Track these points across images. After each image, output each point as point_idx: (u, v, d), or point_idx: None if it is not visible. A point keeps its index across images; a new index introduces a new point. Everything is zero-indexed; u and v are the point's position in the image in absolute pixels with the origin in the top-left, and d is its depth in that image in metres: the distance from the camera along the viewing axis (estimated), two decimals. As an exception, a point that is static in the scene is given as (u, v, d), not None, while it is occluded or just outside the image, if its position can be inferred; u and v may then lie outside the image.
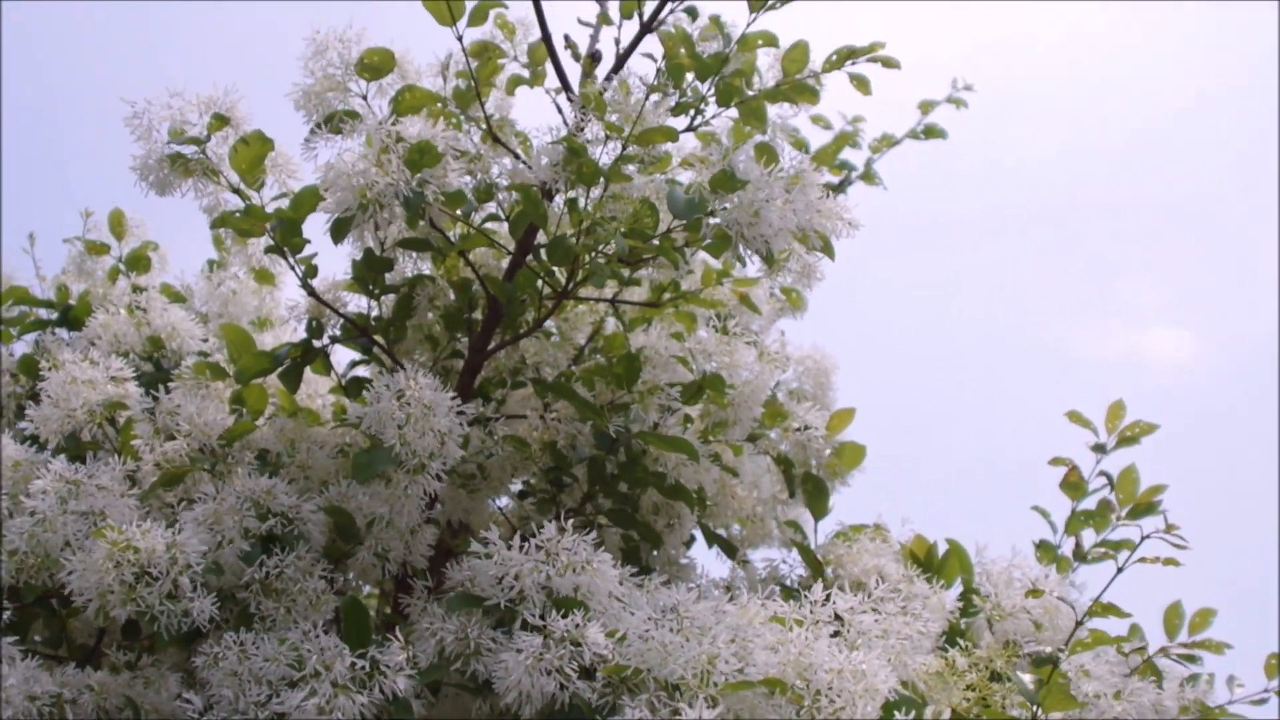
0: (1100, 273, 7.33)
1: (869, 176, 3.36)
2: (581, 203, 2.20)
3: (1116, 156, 7.35)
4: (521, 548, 1.93)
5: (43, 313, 2.99)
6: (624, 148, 2.13)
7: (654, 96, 2.22)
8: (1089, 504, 2.65)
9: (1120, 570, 2.18)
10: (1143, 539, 2.12)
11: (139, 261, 2.98)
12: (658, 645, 1.75)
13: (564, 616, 1.83)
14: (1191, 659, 2.47)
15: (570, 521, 1.96)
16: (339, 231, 2.16)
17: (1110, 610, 2.13)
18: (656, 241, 2.22)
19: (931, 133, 3.36)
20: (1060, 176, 7.03)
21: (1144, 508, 2.62)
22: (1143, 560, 2.15)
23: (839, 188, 3.29)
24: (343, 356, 2.58)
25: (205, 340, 2.74)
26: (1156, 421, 2.60)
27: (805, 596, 1.91)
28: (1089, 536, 2.66)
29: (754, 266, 2.43)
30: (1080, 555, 2.64)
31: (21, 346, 2.94)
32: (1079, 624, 2.11)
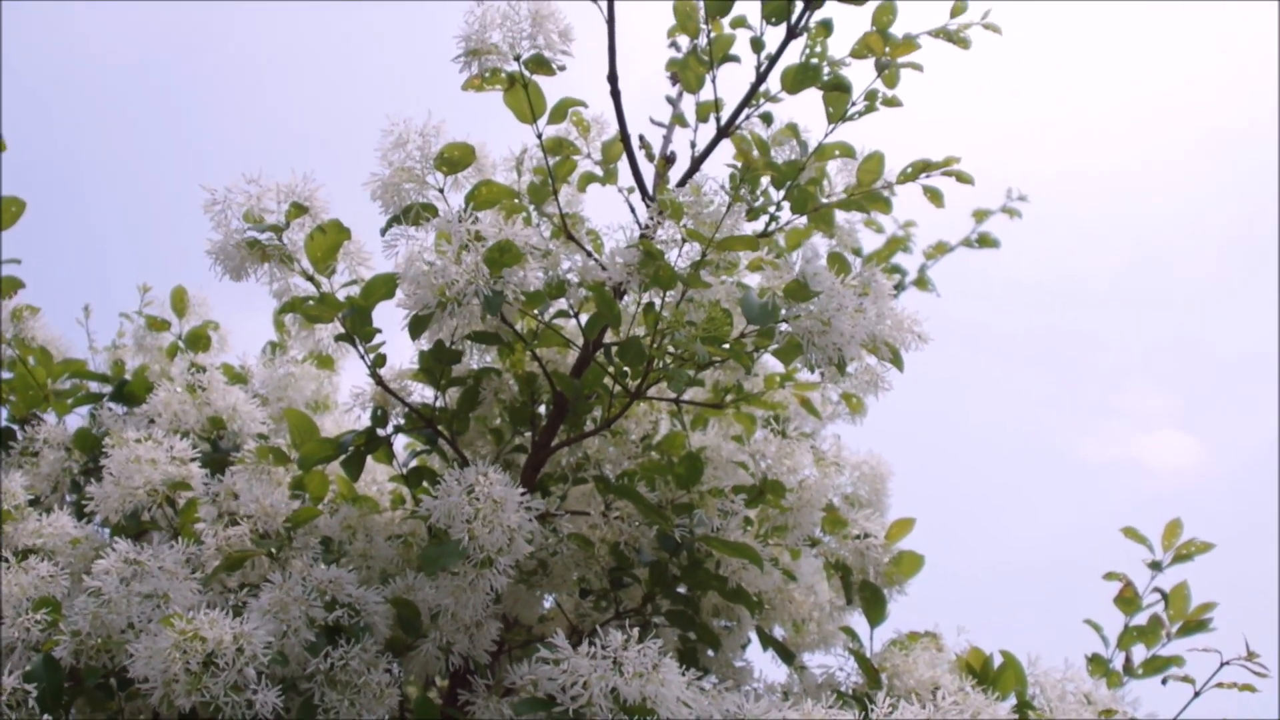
0: (1104, 376, 7.35)
1: (922, 282, 3.39)
2: (657, 305, 2.20)
3: (1122, 260, 7.40)
4: (588, 653, 1.92)
5: (94, 386, 3.00)
6: (703, 254, 2.13)
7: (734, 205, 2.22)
8: (1139, 619, 2.67)
9: (1197, 694, 2.16)
10: (1222, 665, 2.10)
11: (199, 340, 2.99)
12: (728, 755, 1.75)
13: (635, 723, 1.82)
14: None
15: (635, 628, 1.95)
16: (417, 329, 2.15)
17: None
18: (727, 345, 2.22)
19: (985, 241, 3.39)
20: (1064, 280, 7.07)
21: (1194, 625, 2.63)
22: (1220, 685, 2.14)
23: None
24: (400, 443, 2.58)
25: (264, 423, 2.74)
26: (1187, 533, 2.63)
27: (870, 707, 1.91)
28: (1138, 651, 2.67)
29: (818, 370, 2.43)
30: (1130, 670, 2.64)
31: (74, 419, 2.95)
32: (1149, 748, 2.10)
